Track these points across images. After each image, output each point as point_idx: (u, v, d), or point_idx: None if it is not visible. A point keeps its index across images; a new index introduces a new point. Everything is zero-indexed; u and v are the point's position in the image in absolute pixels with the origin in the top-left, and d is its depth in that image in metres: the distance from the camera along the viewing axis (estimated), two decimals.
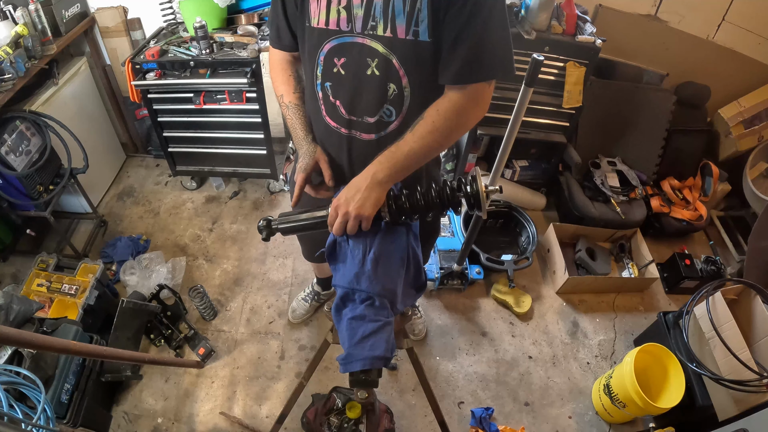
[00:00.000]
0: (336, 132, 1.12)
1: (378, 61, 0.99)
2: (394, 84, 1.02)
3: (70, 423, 1.59)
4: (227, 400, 1.92)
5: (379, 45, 0.97)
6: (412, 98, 1.04)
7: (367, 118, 1.07)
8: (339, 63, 1.03)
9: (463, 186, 0.97)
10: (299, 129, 1.15)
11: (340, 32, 0.99)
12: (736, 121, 2.57)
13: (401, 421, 1.87)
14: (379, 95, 1.04)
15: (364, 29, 0.97)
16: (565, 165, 2.63)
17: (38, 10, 2.07)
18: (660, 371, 1.82)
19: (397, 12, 0.93)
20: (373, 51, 0.98)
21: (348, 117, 1.08)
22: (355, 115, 1.08)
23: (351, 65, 1.02)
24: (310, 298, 2.16)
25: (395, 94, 1.03)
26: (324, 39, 1.01)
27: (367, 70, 1.01)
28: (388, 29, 0.95)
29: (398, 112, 1.06)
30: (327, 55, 1.03)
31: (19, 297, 1.71)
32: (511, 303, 2.26)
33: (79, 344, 1.13)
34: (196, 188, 2.83)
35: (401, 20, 0.93)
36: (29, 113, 2.04)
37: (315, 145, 1.14)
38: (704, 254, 2.46)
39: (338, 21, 0.98)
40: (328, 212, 1.00)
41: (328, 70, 1.05)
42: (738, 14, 2.35)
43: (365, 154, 1.07)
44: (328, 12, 0.98)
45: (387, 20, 0.94)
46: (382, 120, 1.07)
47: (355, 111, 1.07)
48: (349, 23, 0.97)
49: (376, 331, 0.97)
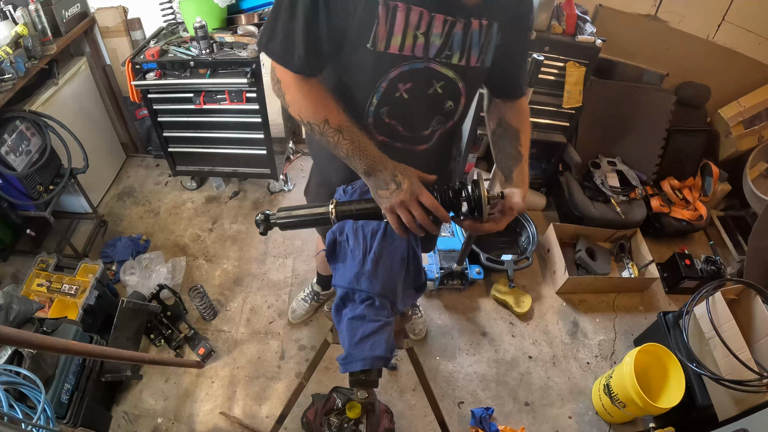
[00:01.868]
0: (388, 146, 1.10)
1: (444, 83, 1.03)
2: (452, 101, 1.08)
3: (70, 423, 1.59)
4: (227, 400, 1.92)
5: (450, 71, 1.01)
6: (461, 111, 1.13)
7: (422, 132, 1.12)
8: (403, 88, 1.01)
9: (465, 191, 0.97)
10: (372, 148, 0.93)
11: (414, 58, 0.96)
12: (736, 121, 2.58)
13: (401, 421, 1.87)
14: (436, 110, 1.09)
15: (438, 57, 0.98)
16: (565, 165, 2.63)
17: (38, 10, 2.07)
18: (660, 371, 1.82)
19: (474, 43, 0.98)
20: (442, 75, 1.01)
21: (404, 134, 1.11)
22: (412, 131, 1.11)
23: (416, 89, 1.02)
24: (309, 298, 2.16)
25: (450, 109, 1.09)
26: (394, 65, 0.97)
27: (429, 89, 1.03)
28: (463, 59, 0.99)
29: (446, 121, 1.13)
30: (391, 81, 0.99)
31: (19, 297, 1.71)
32: (511, 303, 2.26)
33: (79, 344, 1.13)
34: (196, 188, 2.83)
35: (476, 51, 0.99)
36: (29, 113, 2.04)
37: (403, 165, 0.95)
38: (704, 254, 2.46)
39: (413, 47, 0.94)
40: (327, 209, 1.00)
41: (388, 97, 1.01)
42: (738, 14, 2.35)
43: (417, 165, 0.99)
44: (404, 38, 0.93)
45: (463, 51, 0.98)
46: (433, 130, 1.12)
47: (413, 127, 1.10)
48: (424, 50, 0.96)
49: (376, 331, 0.97)
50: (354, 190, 1.12)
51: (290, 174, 2.90)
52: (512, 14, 1.00)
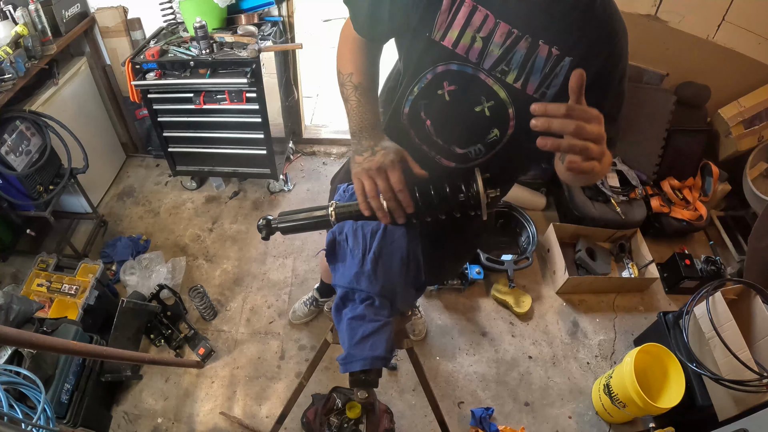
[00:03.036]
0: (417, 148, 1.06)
1: (493, 104, 0.95)
2: (499, 130, 0.98)
3: (70, 423, 1.59)
4: (227, 400, 1.92)
5: (502, 90, 0.93)
6: (506, 146, 1.01)
7: (456, 148, 1.04)
8: (447, 88, 0.96)
9: (463, 187, 0.97)
10: (369, 114, 0.97)
11: (466, 60, 0.92)
12: (736, 121, 2.57)
13: (401, 421, 1.87)
14: (478, 134, 1.00)
15: (493, 69, 0.91)
16: None
17: (38, 10, 2.07)
18: (660, 371, 1.82)
19: (536, 69, 0.89)
20: (493, 92, 0.94)
21: (435, 139, 1.04)
22: (444, 140, 1.04)
23: (461, 96, 0.96)
24: (309, 303, 2.15)
25: (494, 139, 1.00)
26: (443, 59, 0.93)
27: (477, 106, 0.96)
28: (520, 81, 0.91)
29: (487, 152, 1.03)
30: (438, 75, 0.96)
31: (19, 297, 1.71)
32: (511, 303, 2.26)
33: (79, 344, 1.13)
34: (196, 188, 2.83)
35: (536, 78, 0.90)
36: (29, 113, 2.04)
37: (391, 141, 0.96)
38: (704, 254, 2.46)
39: (469, 49, 0.90)
40: (327, 212, 1.00)
41: (430, 90, 0.98)
42: (738, 14, 2.35)
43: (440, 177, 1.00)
44: (461, 35, 0.90)
45: (522, 72, 0.90)
46: (468, 155, 1.04)
47: (445, 137, 1.04)
48: (479, 57, 0.91)
49: (376, 331, 0.97)
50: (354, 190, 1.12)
51: (290, 174, 2.90)
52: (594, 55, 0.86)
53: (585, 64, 0.78)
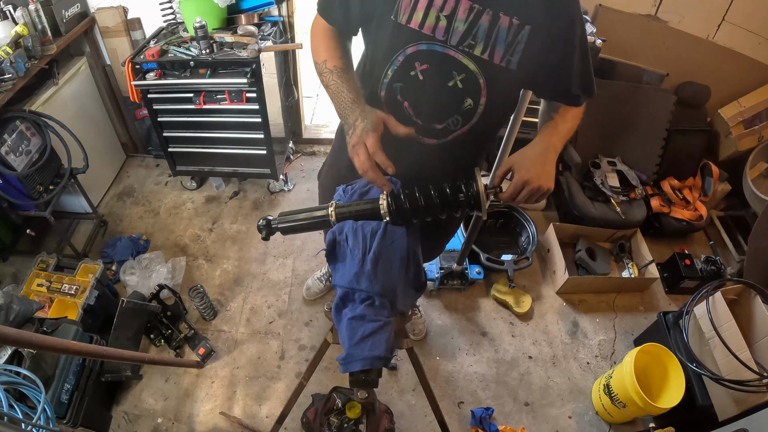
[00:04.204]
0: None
1: (464, 76, 1.00)
2: (472, 99, 1.04)
3: (70, 423, 1.59)
4: (227, 400, 1.92)
5: (472, 63, 0.98)
6: (482, 114, 1.07)
7: (434, 124, 1.09)
8: (419, 68, 1.01)
9: (463, 186, 0.97)
10: (347, 92, 1.00)
11: (433, 39, 0.97)
12: (736, 121, 2.57)
13: (401, 421, 1.87)
14: (453, 106, 1.06)
15: (460, 44, 0.96)
16: (565, 165, 2.63)
17: (38, 10, 2.07)
18: (660, 371, 1.82)
19: (500, 39, 0.94)
20: (463, 66, 0.99)
21: (414, 120, 1.08)
22: (423, 120, 1.08)
23: (433, 74, 1.01)
24: (324, 279, 2.21)
25: (468, 108, 1.05)
26: (411, 40, 0.98)
27: (449, 81, 1.01)
28: (486, 52, 0.96)
29: (465, 122, 1.08)
30: (409, 57, 1.00)
31: (19, 297, 1.71)
32: (511, 303, 2.26)
33: (79, 344, 1.13)
34: (196, 188, 2.83)
35: (501, 47, 0.95)
36: (29, 113, 2.04)
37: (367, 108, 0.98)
38: (704, 254, 2.46)
39: (435, 28, 0.95)
40: (327, 212, 1.00)
41: (403, 72, 1.03)
42: (738, 14, 2.35)
43: (422, 158, 1.11)
44: (425, 15, 0.95)
45: (488, 44, 0.95)
46: (447, 128, 1.09)
47: (424, 116, 1.08)
48: (445, 34, 0.95)
49: (376, 331, 0.97)
50: (354, 190, 1.12)
51: (290, 174, 2.90)
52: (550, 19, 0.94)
53: (545, 30, 0.94)
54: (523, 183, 0.99)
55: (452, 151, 1.14)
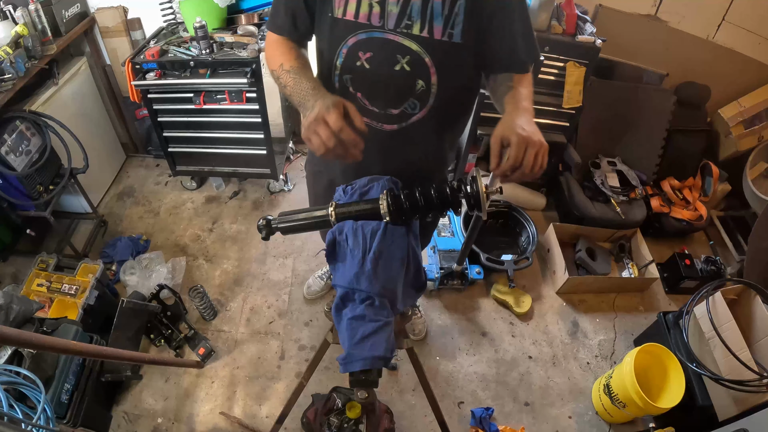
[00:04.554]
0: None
1: (409, 58, 1.01)
2: (423, 80, 1.05)
3: (70, 423, 1.59)
4: (227, 400, 1.92)
5: (413, 43, 0.99)
6: (438, 93, 1.07)
7: (390, 110, 1.10)
8: (364, 57, 1.03)
9: (464, 186, 0.97)
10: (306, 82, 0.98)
11: (370, 27, 0.99)
12: (736, 121, 2.57)
13: (401, 421, 1.87)
14: (405, 90, 1.07)
15: (397, 27, 0.98)
16: (565, 165, 2.63)
17: (38, 10, 2.07)
18: (660, 371, 1.82)
19: (436, 14, 0.96)
20: (405, 48, 1.00)
21: (370, 108, 1.10)
22: (378, 106, 1.10)
23: (378, 60, 1.03)
24: (326, 277, 2.22)
25: (422, 90, 1.06)
26: (350, 32, 1.00)
27: (395, 65, 1.02)
28: (425, 29, 0.97)
29: (423, 105, 1.09)
30: (351, 48, 1.02)
31: (19, 297, 1.71)
32: (511, 303, 2.26)
33: (79, 344, 1.13)
34: (196, 188, 2.83)
35: (439, 22, 0.97)
36: (29, 113, 2.04)
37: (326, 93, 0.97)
38: (704, 254, 2.46)
39: (369, 15, 0.97)
40: (327, 212, 1.01)
41: (349, 63, 1.05)
42: (738, 14, 2.35)
43: (386, 145, 1.14)
44: (358, 5, 0.97)
45: (425, 21, 0.96)
46: (405, 112, 1.10)
47: (378, 103, 1.09)
48: (381, 19, 0.97)
49: (376, 331, 0.97)
50: (354, 191, 1.12)
51: (290, 174, 2.90)
52: None
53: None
54: (525, 142, 0.91)
55: (415, 137, 1.16)
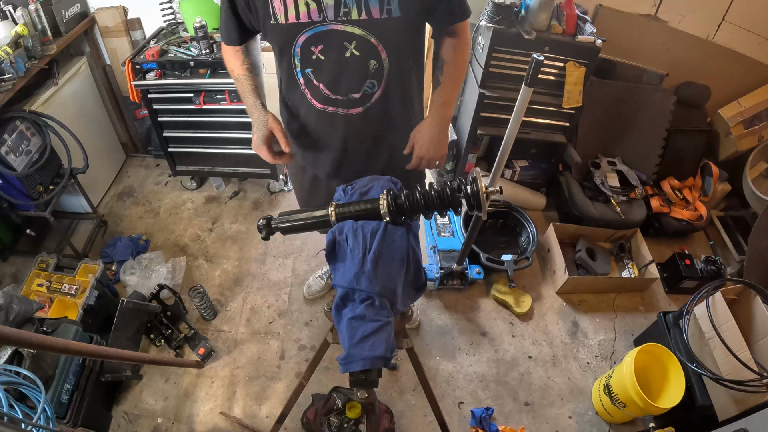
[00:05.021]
0: (324, 112, 1.23)
1: (356, 43, 1.08)
2: (375, 60, 1.12)
3: (70, 423, 1.59)
4: (227, 400, 1.92)
5: (356, 28, 1.06)
6: (390, 68, 1.16)
7: (352, 95, 1.18)
8: (317, 50, 1.10)
9: (464, 186, 0.97)
10: (249, 95, 1.27)
11: (312, 23, 1.05)
12: (736, 121, 2.57)
13: (401, 421, 1.87)
14: (361, 73, 1.14)
15: (337, 16, 1.04)
16: (565, 165, 2.63)
17: (38, 10, 2.07)
18: (660, 371, 1.82)
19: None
20: (350, 35, 1.06)
21: (334, 97, 1.18)
22: (340, 94, 1.18)
23: (329, 50, 1.09)
24: (326, 276, 2.22)
25: (376, 68, 1.14)
26: (296, 32, 1.07)
27: (345, 52, 1.09)
28: (363, 13, 1.04)
29: (379, 83, 1.17)
30: (303, 45, 1.10)
31: (19, 297, 1.71)
32: (511, 303, 2.26)
33: (79, 344, 1.13)
34: (196, 188, 2.83)
35: (374, 2, 1.03)
36: (29, 113, 2.04)
37: (265, 112, 1.26)
38: (704, 254, 2.46)
39: (308, 13, 1.04)
40: (327, 212, 1.01)
41: (306, 58, 1.12)
42: (738, 14, 2.35)
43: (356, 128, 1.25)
44: (296, 7, 1.03)
45: (360, 5, 1.03)
46: (366, 93, 1.18)
47: (340, 90, 1.17)
48: (320, 14, 1.04)
49: (376, 331, 0.97)
50: (354, 190, 1.12)
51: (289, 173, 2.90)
52: None
53: None
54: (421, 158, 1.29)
55: (380, 114, 1.24)
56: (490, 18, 2.16)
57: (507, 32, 2.16)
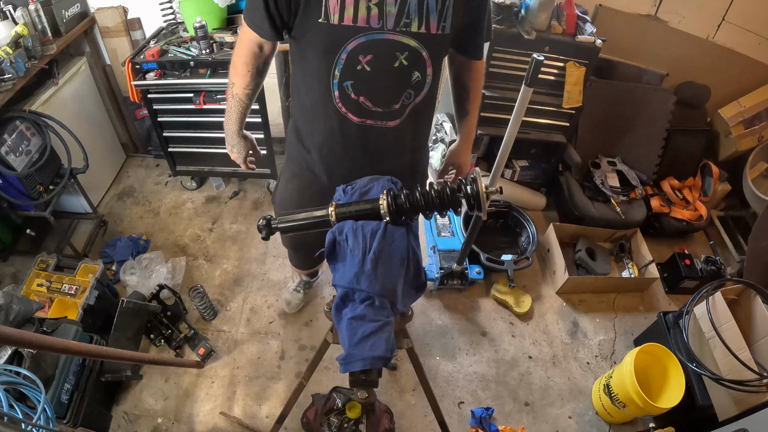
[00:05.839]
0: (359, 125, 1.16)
1: (408, 54, 1.04)
2: (419, 72, 1.09)
3: (70, 423, 1.59)
4: (227, 400, 1.92)
5: (412, 40, 1.02)
6: (431, 81, 1.13)
7: (393, 106, 1.13)
8: (364, 60, 1.04)
9: (464, 186, 0.97)
10: (234, 120, 1.30)
11: (370, 29, 0.99)
12: (736, 121, 2.57)
13: (401, 421, 1.87)
14: (403, 83, 1.10)
15: (396, 26, 1.00)
16: (565, 165, 2.63)
17: (38, 10, 2.07)
18: (660, 371, 1.82)
19: (431, 10, 1.00)
20: (404, 45, 1.03)
21: (374, 109, 1.13)
22: (382, 106, 1.13)
23: (379, 61, 1.04)
24: (301, 288, 2.18)
25: (417, 80, 1.10)
26: (349, 36, 1.00)
27: (395, 62, 1.05)
28: (422, 26, 1.01)
29: (417, 94, 1.13)
30: (351, 53, 1.03)
31: (19, 297, 1.71)
32: (511, 303, 2.26)
33: (79, 344, 1.13)
34: (196, 188, 2.83)
35: (434, 17, 1.01)
36: (29, 113, 2.04)
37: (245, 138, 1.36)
38: (704, 254, 2.46)
39: (368, 18, 0.98)
40: (327, 212, 1.01)
41: (350, 69, 1.06)
42: (738, 14, 2.35)
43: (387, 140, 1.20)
44: (356, 8, 0.97)
45: (422, 18, 1.00)
46: (403, 103, 1.14)
47: (381, 102, 1.12)
48: (380, 20, 0.98)
49: (376, 331, 0.97)
50: (354, 190, 1.12)
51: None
52: None
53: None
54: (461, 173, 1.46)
55: (410, 126, 1.20)
56: None
57: (507, 32, 2.16)
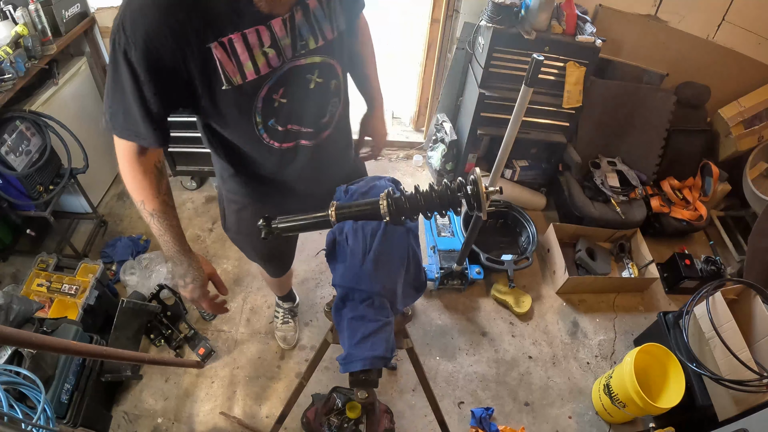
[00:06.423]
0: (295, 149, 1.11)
1: (318, 71, 1.02)
2: (335, 79, 1.08)
3: (70, 423, 1.59)
4: (227, 400, 1.92)
5: (316, 57, 0.99)
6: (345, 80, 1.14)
7: (321, 120, 1.11)
8: (278, 96, 0.99)
9: (464, 187, 0.97)
10: (172, 243, 1.03)
11: (274, 71, 0.95)
12: (736, 121, 2.58)
13: (401, 421, 1.87)
14: (325, 97, 1.09)
15: (295, 52, 0.95)
16: (565, 165, 2.63)
17: (38, 10, 2.07)
18: (660, 371, 1.82)
19: (320, 19, 0.96)
20: (311, 65, 1.00)
21: (305, 130, 1.09)
22: (314, 126, 1.10)
23: (292, 90, 1.00)
24: (289, 318, 2.10)
25: (336, 87, 1.10)
26: (258, 87, 0.95)
27: (309, 84, 1.02)
28: (319, 39, 0.98)
29: (340, 98, 1.13)
30: (264, 98, 0.97)
31: (19, 297, 1.71)
32: (511, 303, 2.26)
33: (79, 344, 1.13)
34: (196, 188, 2.83)
35: (326, 23, 0.98)
36: (29, 113, 2.04)
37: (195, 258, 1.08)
38: (704, 254, 2.46)
39: (267, 62, 0.92)
40: (327, 212, 1.01)
41: (268, 110, 1.00)
42: (738, 14, 2.35)
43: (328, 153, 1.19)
44: (253, 61, 0.90)
45: (316, 32, 0.97)
46: (331, 112, 1.13)
47: (311, 123, 1.09)
48: (279, 57, 0.93)
49: (376, 331, 0.97)
50: (354, 191, 1.12)
51: None
52: None
53: None
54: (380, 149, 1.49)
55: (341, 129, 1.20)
56: (490, 18, 2.16)
57: (507, 32, 2.16)
